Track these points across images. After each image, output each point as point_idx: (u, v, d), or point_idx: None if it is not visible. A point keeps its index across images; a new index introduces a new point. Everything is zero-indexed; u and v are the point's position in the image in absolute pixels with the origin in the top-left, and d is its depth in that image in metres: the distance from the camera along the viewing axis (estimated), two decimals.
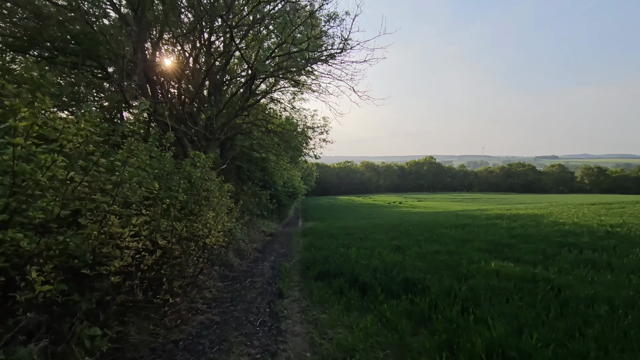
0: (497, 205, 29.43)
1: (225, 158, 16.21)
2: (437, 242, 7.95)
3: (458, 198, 64.19)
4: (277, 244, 13.49)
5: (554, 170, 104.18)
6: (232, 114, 10.11)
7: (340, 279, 5.55)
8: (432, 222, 12.17)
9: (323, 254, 7.87)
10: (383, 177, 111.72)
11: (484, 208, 23.51)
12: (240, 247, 9.69)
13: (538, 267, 5.30)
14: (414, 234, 9.68)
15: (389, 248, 7.77)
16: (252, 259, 9.64)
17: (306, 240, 13.09)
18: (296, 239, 15.17)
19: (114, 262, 3.01)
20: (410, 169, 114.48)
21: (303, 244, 12.42)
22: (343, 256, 7.27)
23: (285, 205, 26.54)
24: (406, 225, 12.40)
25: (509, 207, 20.01)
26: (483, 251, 6.75)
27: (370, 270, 5.64)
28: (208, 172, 5.61)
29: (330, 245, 9.33)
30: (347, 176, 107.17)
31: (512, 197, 66.00)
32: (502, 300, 3.99)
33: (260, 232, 15.85)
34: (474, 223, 10.75)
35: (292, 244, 13.16)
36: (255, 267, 8.50)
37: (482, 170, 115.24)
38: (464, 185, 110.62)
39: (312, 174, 53.87)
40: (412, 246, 7.73)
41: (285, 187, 26.74)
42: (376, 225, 13.36)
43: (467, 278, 4.81)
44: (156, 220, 4.01)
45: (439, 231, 9.67)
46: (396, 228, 11.65)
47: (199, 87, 9.53)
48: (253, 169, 19.92)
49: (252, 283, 6.71)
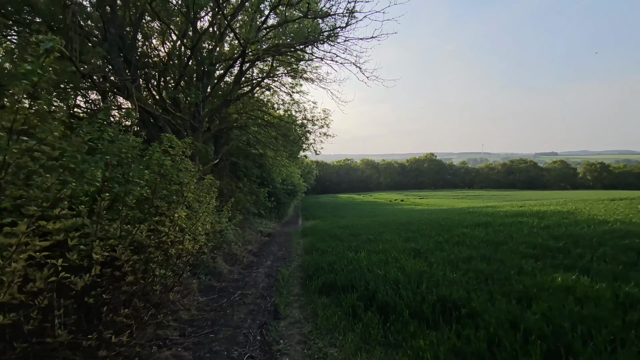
0: (506, 202, 28.25)
1: (219, 153, 15.04)
2: (463, 245, 6.75)
3: (460, 195, 63.01)
4: (275, 245, 12.32)
5: (555, 166, 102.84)
6: (222, 101, 8.91)
7: (351, 296, 4.37)
8: (446, 220, 10.99)
9: (327, 259, 6.69)
10: (383, 174, 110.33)
11: (493, 205, 22.32)
12: (232, 250, 8.51)
13: (626, 284, 3.93)
14: (430, 234, 8.49)
15: (406, 252, 6.58)
16: (245, 264, 8.46)
17: (307, 241, 11.92)
18: (296, 239, 14.02)
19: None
20: (411, 166, 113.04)
21: (304, 245, 11.25)
22: (352, 263, 6.09)
23: (284, 204, 25.33)
24: (417, 223, 11.22)
25: (521, 204, 18.82)
26: (528, 257, 5.52)
27: (390, 284, 4.45)
28: (183, 161, 4.41)
29: (335, 247, 8.15)
30: (347, 174, 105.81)
31: (515, 193, 64.87)
32: (603, 340, 2.71)
33: (257, 233, 14.69)
34: (495, 221, 9.56)
35: (292, 245, 12.00)
36: (249, 274, 7.32)
37: (483, 167, 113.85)
38: (465, 183, 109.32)
39: (312, 172, 52.58)
40: (435, 250, 6.54)
41: (285, 184, 25.53)
42: (383, 224, 12.18)
43: (529, 299, 3.59)
44: (97, 223, 2.80)
45: (459, 231, 8.49)
46: (407, 227, 10.47)
47: (183, 68, 8.32)
48: (250, 165, 18.72)
49: (243, 297, 5.52)
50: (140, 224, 3.54)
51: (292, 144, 17.13)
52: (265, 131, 16.98)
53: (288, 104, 15.92)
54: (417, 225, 10.55)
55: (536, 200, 30.27)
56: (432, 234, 8.56)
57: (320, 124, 16.97)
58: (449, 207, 28.77)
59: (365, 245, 7.93)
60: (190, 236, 4.11)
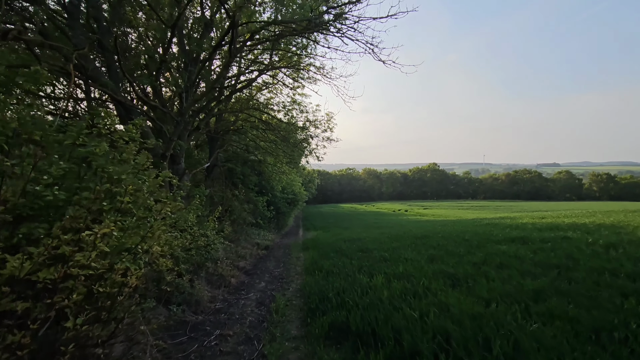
0: (517, 213, 26.69)
1: (213, 155, 13.69)
2: (512, 269, 5.20)
3: (465, 206, 61.36)
4: (272, 260, 10.84)
5: (560, 177, 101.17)
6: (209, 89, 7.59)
7: (376, 356, 2.89)
8: (470, 234, 9.49)
9: (334, 285, 5.23)
10: (385, 184, 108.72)
11: (507, 216, 20.78)
12: (218, 270, 7.04)
13: None
14: (458, 252, 7.01)
15: (438, 278, 5.09)
16: (234, 286, 6.98)
17: (308, 256, 10.46)
18: (296, 253, 12.55)
19: None
20: (414, 176, 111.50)
21: (305, 261, 9.78)
22: (367, 292, 4.62)
23: (284, 213, 23.83)
24: (434, 237, 9.73)
25: (542, 215, 17.31)
26: (630, 294, 3.83)
27: (435, 337, 2.96)
28: (127, 149, 3.01)
29: (341, 267, 6.69)
30: (348, 183, 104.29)
31: (522, 204, 63.21)
32: None
33: (253, 246, 13.22)
34: (531, 236, 8.05)
35: (291, 260, 10.54)
36: (236, 301, 5.85)
37: (487, 178, 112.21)
38: (468, 193, 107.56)
39: (313, 181, 51.17)
40: (476, 276, 5.01)
41: (285, 192, 24.08)
42: (395, 238, 10.70)
43: None
44: None
45: (493, 248, 7.00)
46: (424, 242, 8.98)
47: (165, 51, 7.02)
48: (248, 172, 17.35)
49: (221, 340, 4.05)
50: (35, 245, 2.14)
51: (292, 147, 15.78)
52: (264, 135, 15.69)
53: (289, 105, 14.63)
54: (436, 240, 9.06)
55: (550, 211, 28.66)
56: (460, 251, 7.07)
57: (323, 127, 15.67)
58: (458, 218, 27.21)
59: (380, 265, 6.43)
60: (129, 261, 2.67)
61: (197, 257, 6.39)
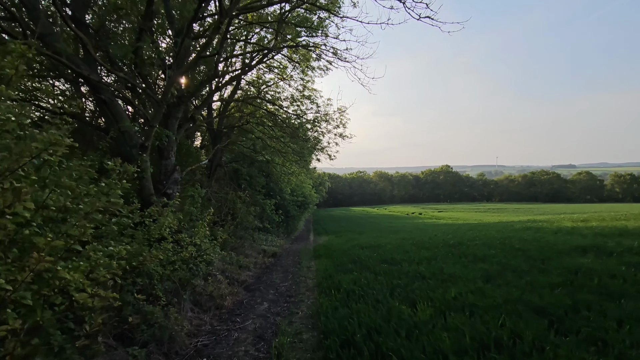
0: (541, 216, 24.61)
1: (216, 155, 12.36)
2: (628, 299, 3.55)
3: (482, 208, 58.79)
4: (279, 270, 9.38)
5: (581, 178, 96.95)
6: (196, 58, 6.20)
7: None
8: (516, 241, 7.77)
9: (360, 317, 3.72)
10: (397, 187, 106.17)
11: (545, 219, 18.83)
12: (207, 289, 5.56)
13: None
14: (519, 267, 5.36)
15: (518, 313, 3.45)
16: (229, 308, 5.51)
17: (321, 265, 8.97)
18: (306, 261, 11.07)
19: None
20: (426, 178, 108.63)
21: (316, 272, 8.29)
22: (413, 334, 3.07)
23: (293, 217, 22.34)
24: (473, 245, 8.07)
25: (582, 218, 15.37)
26: None
27: None
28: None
29: (365, 286, 5.16)
30: (359, 186, 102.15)
31: (542, 207, 60.33)
32: None
33: (258, 253, 11.78)
34: (607, 244, 6.32)
35: (301, 270, 9.07)
36: (227, 334, 4.36)
37: (502, 179, 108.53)
38: (483, 195, 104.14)
39: (324, 183, 49.58)
40: (583, 311, 3.30)
41: (294, 195, 22.61)
42: (421, 245, 9.12)
43: None
44: None
45: (569, 262, 5.27)
46: (463, 251, 7.34)
47: (143, 14, 5.66)
48: (255, 173, 15.94)
49: None
50: None
51: (302, 144, 14.33)
52: (271, 131, 14.31)
53: (298, 97, 13.19)
54: (478, 249, 7.41)
55: (579, 213, 26.36)
56: (522, 266, 5.42)
57: (335, 122, 14.16)
58: (479, 222, 25.25)
59: (419, 286, 4.85)
60: None
61: (181, 273, 4.95)
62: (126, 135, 5.56)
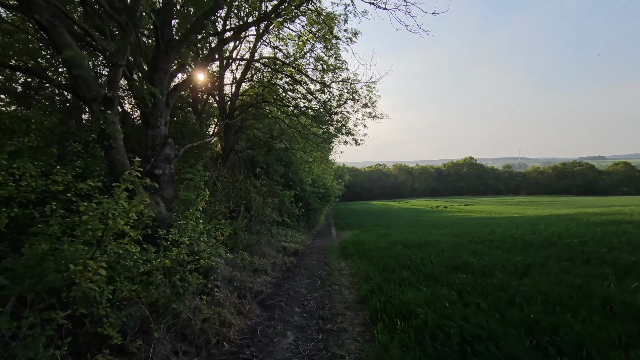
0: (588, 209, 21.67)
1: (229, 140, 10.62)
2: None
3: (511, 202, 55.05)
4: (303, 275, 7.50)
5: (617, 169, 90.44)
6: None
7: None
8: (623, 237, 5.61)
9: None
10: (418, 180, 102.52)
11: (588, 212, 16.22)
12: (200, 315, 3.66)
13: None
14: None
15: None
16: (234, 343, 3.64)
17: (355, 268, 7.12)
18: (335, 261, 9.20)
19: None
20: (448, 171, 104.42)
21: (352, 279, 6.40)
22: None
23: (315, 210, 20.44)
24: (572, 245, 5.92)
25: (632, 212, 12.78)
26: None
27: None
28: None
29: (452, 315, 3.19)
30: (378, 180, 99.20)
31: (579, 200, 55.99)
32: None
33: (277, 252, 9.95)
34: None
35: (332, 275, 7.25)
36: None
37: (530, 171, 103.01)
38: (509, 188, 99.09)
39: (343, 176, 47.40)
40: None
41: (315, 186, 20.70)
42: (487, 243, 6.99)
43: None
44: None
45: None
46: (570, 254, 5.23)
47: None
48: (272, 162, 14.09)
49: None
50: None
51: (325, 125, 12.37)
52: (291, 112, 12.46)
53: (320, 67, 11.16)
54: (584, 247, 5.27)
55: (628, 205, 23.11)
56: None
57: (364, 100, 12.02)
58: (518, 215, 22.61)
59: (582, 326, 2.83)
60: None
61: (156, 292, 3.10)
62: (81, 82, 3.71)
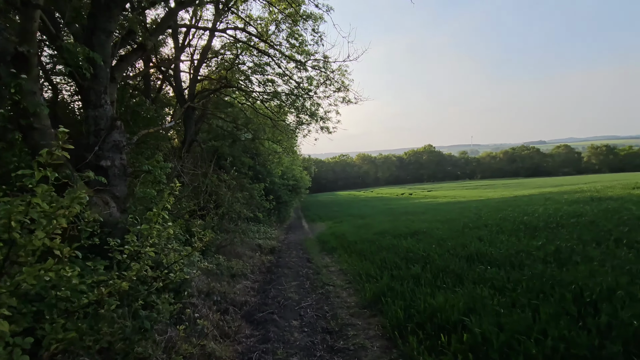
0: (535, 190, 22.87)
1: (190, 129, 9.38)
2: None
3: (469, 186, 57.62)
4: (287, 276, 6.63)
5: (560, 151, 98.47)
6: None
7: None
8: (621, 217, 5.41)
9: None
10: (381, 169, 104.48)
11: (542, 192, 16.93)
12: (177, 352, 2.71)
13: None
14: None
15: None
16: None
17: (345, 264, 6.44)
18: (317, 257, 8.47)
19: None
20: (409, 159, 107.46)
21: (346, 277, 5.68)
22: None
23: (285, 203, 19.51)
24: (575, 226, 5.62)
25: (595, 189, 13.44)
26: None
27: None
28: None
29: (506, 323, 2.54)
30: (343, 171, 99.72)
31: (530, 181, 59.86)
32: None
33: (253, 251, 9.00)
34: None
35: (320, 274, 6.52)
36: None
37: (484, 157, 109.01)
38: (466, 173, 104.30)
39: (309, 168, 46.59)
40: None
41: (285, 178, 19.72)
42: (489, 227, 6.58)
43: None
44: None
45: None
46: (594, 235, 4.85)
47: None
48: (239, 153, 12.94)
49: None
50: None
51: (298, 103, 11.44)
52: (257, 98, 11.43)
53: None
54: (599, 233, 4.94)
55: (569, 185, 24.76)
56: None
57: (336, 85, 11.23)
58: (485, 198, 23.30)
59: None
60: None
61: (111, 332, 2.10)
62: None
